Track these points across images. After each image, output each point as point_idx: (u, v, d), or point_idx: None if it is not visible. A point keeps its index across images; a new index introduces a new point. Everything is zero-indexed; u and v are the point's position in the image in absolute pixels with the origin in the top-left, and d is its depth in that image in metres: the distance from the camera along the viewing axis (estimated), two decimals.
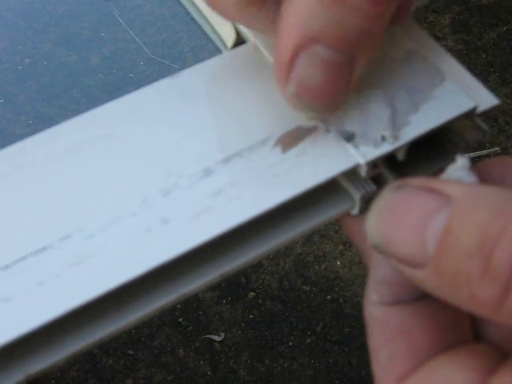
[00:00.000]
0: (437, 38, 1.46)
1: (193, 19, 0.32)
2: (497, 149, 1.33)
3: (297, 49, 0.22)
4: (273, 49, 0.23)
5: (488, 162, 0.25)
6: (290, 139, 0.25)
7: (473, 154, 1.31)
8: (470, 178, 0.22)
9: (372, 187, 0.25)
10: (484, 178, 0.24)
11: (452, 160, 0.22)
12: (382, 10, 0.22)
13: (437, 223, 0.20)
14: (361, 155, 0.24)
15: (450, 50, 1.44)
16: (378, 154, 0.24)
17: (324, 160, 0.24)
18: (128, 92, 0.26)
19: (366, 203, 0.25)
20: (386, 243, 0.21)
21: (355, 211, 0.26)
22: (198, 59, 0.28)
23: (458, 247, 0.19)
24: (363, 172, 0.24)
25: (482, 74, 1.41)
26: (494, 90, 1.39)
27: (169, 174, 0.24)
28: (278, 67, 0.23)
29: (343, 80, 0.23)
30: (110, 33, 0.50)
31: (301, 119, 0.25)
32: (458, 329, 0.23)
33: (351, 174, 0.25)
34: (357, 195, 0.25)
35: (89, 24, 0.50)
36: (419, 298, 0.23)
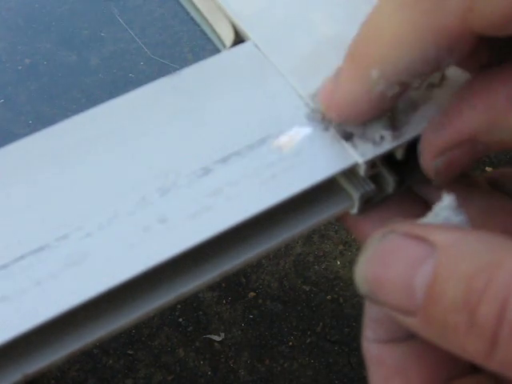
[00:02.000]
0: None
1: (192, 19, 0.32)
2: None
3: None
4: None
5: (501, 173, 0.25)
6: (289, 138, 0.25)
7: None
8: (457, 217, 0.22)
9: (371, 186, 0.25)
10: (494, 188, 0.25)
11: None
12: None
13: (423, 273, 0.20)
14: (359, 154, 0.24)
15: None
16: (376, 153, 0.24)
17: (322, 159, 0.24)
18: (128, 92, 0.26)
19: (365, 202, 0.25)
20: (376, 293, 0.21)
21: (354, 210, 0.26)
22: (197, 59, 0.28)
23: (445, 299, 0.19)
24: (362, 171, 0.24)
25: None
26: None
27: (167, 172, 0.24)
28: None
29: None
30: (110, 33, 0.50)
31: (299, 118, 0.25)
32: (455, 363, 0.23)
33: (350, 173, 0.25)
34: (356, 194, 0.25)
35: (89, 24, 0.50)
36: (414, 336, 0.23)
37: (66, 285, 0.21)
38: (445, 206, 0.22)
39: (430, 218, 0.22)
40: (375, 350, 0.24)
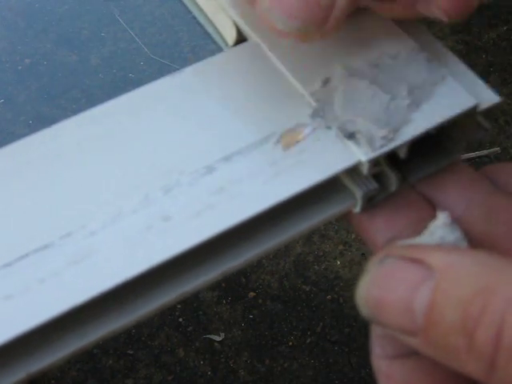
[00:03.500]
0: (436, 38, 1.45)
1: (193, 19, 0.32)
2: (497, 149, 1.33)
3: None
4: None
5: (494, 168, 0.25)
6: (292, 137, 0.25)
7: (473, 154, 1.31)
8: (452, 234, 0.23)
9: (374, 185, 0.25)
10: (493, 182, 0.25)
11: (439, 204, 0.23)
12: None
13: (422, 296, 0.20)
14: (362, 153, 0.24)
15: (450, 50, 1.44)
16: (379, 151, 0.24)
17: (325, 158, 0.24)
18: (128, 92, 0.26)
19: (368, 201, 0.25)
20: (378, 315, 0.22)
21: (357, 209, 0.26)
22: (198, 59, 0.28)
23: (444, 323, 0.20)
24: (365, 170, 0.24)
25: (481, 74, 1.40)
26: (493, 90, 1.39)
27: (170, 171, 0.24)
28: None
29: (322, 3, 0.22)
30: (110, 33, 0.50)
31: (302, 117, 0.25)
32: (460, 377, 0.23)
33: (353, 171, 0.25)
34: (358, 193, 0.25)
35: (89, 24, 0.50)
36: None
37: (70, 283, 0.21)
38: (440, 225, 0.23)
39: (426, 236, 0.23)
40: (384, 365, 0.25)
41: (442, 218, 0.23)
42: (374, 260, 0.22)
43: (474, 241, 0.24)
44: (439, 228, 0.23)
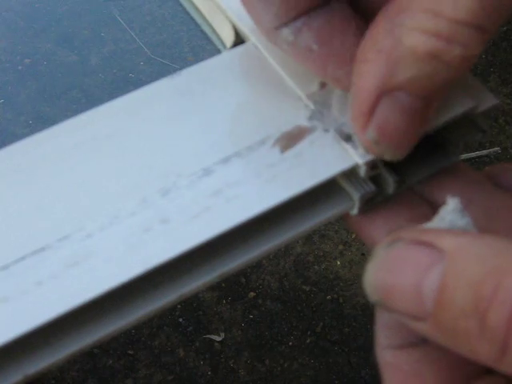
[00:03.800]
0: None
1: (193, 19, 0.32)
2: (497, 149, 1.33)
3: (379, 95, 0.22)
4: (351, 94, 0.23)
5: (495, 169, 0.25)
6: (289, 139, 0.25)
7: (473, 154, 1.31)
8: (462, 220, 0.22)
9: (371, 187, 0.25)
10: (495, 183, 0.25)
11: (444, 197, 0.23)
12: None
13: (432, 279, 0.20)
14: (360, 155, 0.24)
15: None
16: None
17: (323, 160, 0.24)
18: (128, 92, 0.26)
19: (366, 203, 0.25)
20: (386, 301, 0.21)
21: (354, 211, 0.26)
22: (197, 59, 0.28)
23: (454, 306, 0.19)
24: (362, 172, 0.24)
25: (481, 73, 1.41)
26: (493, 90, 1.39)
27: (168, 173, 0.24)
28: (357, 111, 0.23)
29: (421, 124, 0.23)
30: (110, 33, 0.50)
31: (299, 119, 0.25)
32: (469, 365, 0.23)
33: (350, 174, 0.25)
34: (356, 195, 0.25)
35: (89, 24, 0.50)
36: (427, 340, 0.23)
37: (67, 285, 0.21)
38: (450, 210, 0.22)
39: (436, 222, 0.23)
40: (390, 356, 0.24)
41: (452, 203, 0.23)
42: (383, 244, 0.22)
43: None
44: (449, 213, 0.22)
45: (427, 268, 0.20)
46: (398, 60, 0.21)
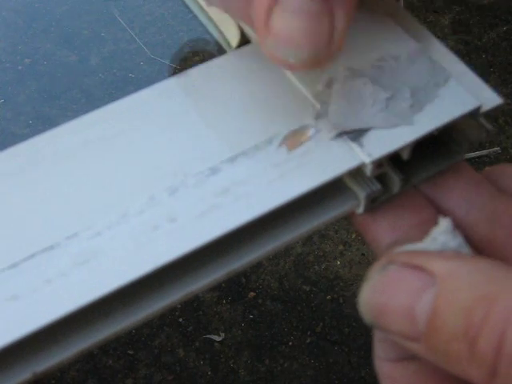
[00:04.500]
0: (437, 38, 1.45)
1: (193, 19, 0.33)
2: (497, 149, 1.34)
3: (269, 5, 0.22)
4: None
5: (496, 170, 0.26)
6: (295, 138, 0.25)
7: (473, 154, 1.31)
8: (454, 241, 0.23)
9: (377, 186, 0.25)
10: (492, 183, 0.25)
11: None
12: None
13: (424, 303, 0.21)
14: (366, 154, 0.24)
15: (450, 50, 1.44)
16: (383, 153, 0.24)
17: (329, 159, 0.24)
18: (128, 92, 0.27)
19: (371, 202, 0.26)
20: (380, 322, 0.22)
21: (360, 210, 0.26)
22: (197, 59, 0.28)
23: (446, 329, 0.20)
24: (368, 171, 0.24)
25: (482, 74, 1.40)
26: (493, 90, 1.39)
27: (175, 172, 0.24)
28: (256, 27, 0.23)
29: (323, 30, 0.23)
30: (110, 33, 0.50)
31: (306, 118, 0.25)
32: (463, 381, 0.24)
33: (356, 173, 0.25)
34: (362, 194, 0.25)
35: (89, 24, 0.50)
36: None
37: (76, 283, 0.21)
38: (442, 231, 0.23)
39: (428, 242, 0.23)
40: (386, 368, 0.25)
41: (443, 224, 0.23)
42: (376, 267, 0.23)
43: (476, 244, 0.24)
44: (441, 234, 0.23)
45: (419, 291, 0.21)
46: None
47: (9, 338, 0.20)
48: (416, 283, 0.21)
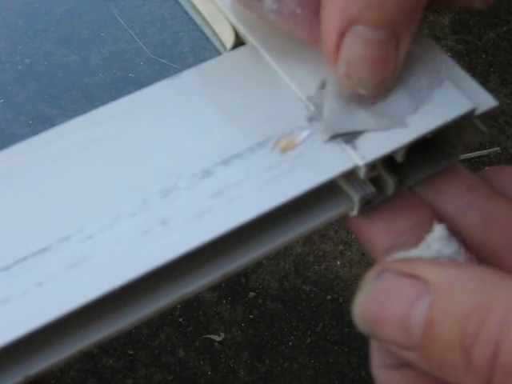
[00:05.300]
0: (437, 38, 1.46)
1: (192, 19, 0.32)
2: (497, 149, 1.33)
3: (342, 31, 0.23)
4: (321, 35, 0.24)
5: (494, 171, 0.26)
6: (289, 141, 0.25)
7: (473, 154, 1.31)
8: (449, 248, 0.23)
9: (371, 189, 0.25)
10: (493, 186, 0.25)
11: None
12: None
13: (419, 311, 0.20)
14: (360, 157, 0.24)
15: (450, 50, 1.44)
16: (376, 155, 0.24)
17: (323, 161, 0.24)
18: (128, 92, 0.26)
19: (366, 204, 0.26)
20: (375, 331, 0.22)
21: (354, 213, 0.26)
22: (197, 59, 0.28)
23: (441, 339, 0.20)
24: (362, 174, 0.24)
25: (481, 73, 1.41)
26: (493, 90, 1.39)
27: (168, 174, 0.24)
28: (326, 52, 0.24)
29: (390, 57, 0.24)
30: (110, 33, 0.50)
31: (299, 121, 0.25)
32: None
33: (350, 175, 0.25)
34: (356, 197, 0.25)
35: (89, 24, 0.50)
36: None
37: (68, 286, 0.21)
38: (437, 237, 0.23)
39: (423, 249, 0.23)
40: (384, 375, 0.25)
41: (438, 230, 0.23)
42: (370, 275, 0.22)
43: (472, 246, 0.24)
44: (436, 241, 0.23)
45: (414, 300, 0.21)
46: None
47: (0, 341, 0.20)
48: (411, 292, 0.21)
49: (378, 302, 0.22)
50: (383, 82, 0.24)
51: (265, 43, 0.27)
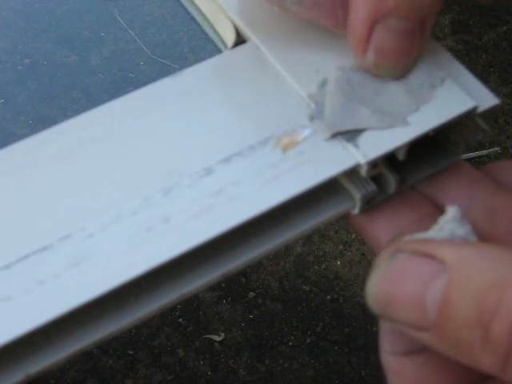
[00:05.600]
0: (437, 38, 1.45)
1: (193, 19, 0.32)
2: (497, 149, 1.33)
3: (373, 22, 0.24)
4: (348, 24, 0.25)
5: (497, 166, 0.25)
6: (291, 139, 0.25)
7: (473, 154, 1.30)
8: (462, 229, 0.23)
9: (372, 187, 0.25)
10: (497, 180, 0.25)
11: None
12: None
13: (434, 291, 0.20)
14: (361, 155, 0.24)
15: (450, 49, 1.44)
16: (378, 153, 0.24)
17: (324, 160, 0.24)
18: (128, 92, 0.26)
19: (367, 202, 0.25)
20: (388, 312, 0.22)
21: (356, 211, 0.26)
22: (198, 59, 0.28)
23: (458, 317, 0.20)
24: (364, 172, 0.24)
25: (481, 73, 1.41)
26: (494, 89, 1.39)
27: (169, 173, 0.24)
28: (355, 40, 0.25)
29: (416, 43, 0.25)
30: (110, 33, 0.50)
31: (301, 119, 0.25)
32: (471, 371, 0.23)
33: (351, 173, 0.25)
34: (357, 195, 0.25)
35: (89, 24, 0.50)
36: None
37: (69, 285, 0.21)
38: (449, 219, 0.23)
39: (436, 231, 0.23)
40: (393, 361, 0.25)
41: (451, 212, 0.23)
42: (384, 255, 0.22)
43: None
44: (449, 222, 0.23)
45: (429, 279, 0.20)
46: None
47: (1, 339, 0.20)
48: (426, 271, 0.21)
49: (392, 282, 0.21)
50: (408, 67, 0.26)
51: (266, 41, 0.27)
